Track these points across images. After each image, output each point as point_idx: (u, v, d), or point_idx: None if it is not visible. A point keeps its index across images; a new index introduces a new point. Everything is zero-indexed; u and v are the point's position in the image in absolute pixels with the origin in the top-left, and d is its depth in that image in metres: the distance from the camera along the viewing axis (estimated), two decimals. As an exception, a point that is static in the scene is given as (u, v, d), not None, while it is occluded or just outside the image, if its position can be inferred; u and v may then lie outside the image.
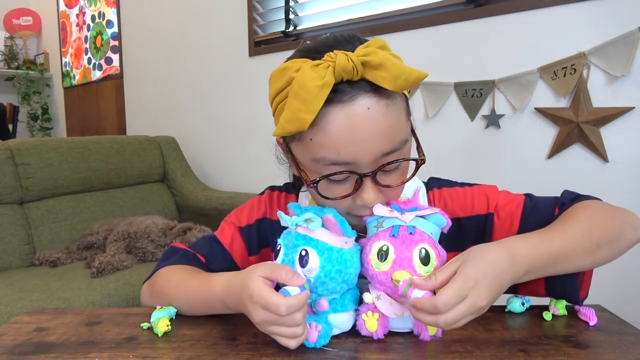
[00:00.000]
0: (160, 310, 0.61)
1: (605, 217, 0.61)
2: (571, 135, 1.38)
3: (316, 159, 0.56)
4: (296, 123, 0.52)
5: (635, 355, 0.51)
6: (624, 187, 1.33)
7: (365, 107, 0.53)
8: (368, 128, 0.53)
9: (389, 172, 0.58)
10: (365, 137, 0.53)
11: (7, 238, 1.79)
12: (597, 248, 0.58)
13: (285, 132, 0.53)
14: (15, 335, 0.59)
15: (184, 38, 2.58)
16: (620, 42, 1.27)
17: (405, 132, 0.58)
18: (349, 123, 0.53)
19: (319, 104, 0.51)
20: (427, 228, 0.56)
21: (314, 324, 0.53)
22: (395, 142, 0.55)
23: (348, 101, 0.53)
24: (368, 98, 0.53)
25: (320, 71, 0.51)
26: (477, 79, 1.55)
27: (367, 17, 1.83)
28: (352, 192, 0.57)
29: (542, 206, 0.66)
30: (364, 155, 0.54)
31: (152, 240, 1.83)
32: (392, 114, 0.55)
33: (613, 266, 1.48)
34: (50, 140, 2.03)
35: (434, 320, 0.48)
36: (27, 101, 3.63)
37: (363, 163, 0.54)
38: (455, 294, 0.48)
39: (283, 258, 0.55)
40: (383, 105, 0.54)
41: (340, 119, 0.53)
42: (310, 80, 0.51)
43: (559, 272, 0.57)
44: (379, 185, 0.57)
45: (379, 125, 0.53)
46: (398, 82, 0.51)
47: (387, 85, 0.51)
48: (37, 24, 3.76)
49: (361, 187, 0.57)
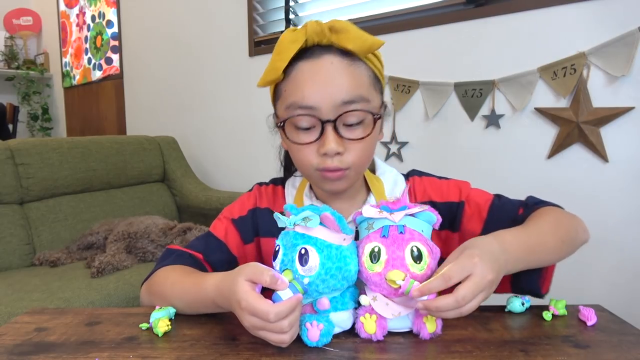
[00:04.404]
0: (160, 310, 0.61)
1: (565, 220, 0.69)
2: (571, 135, 1.38)
3: (287, 105, 0.65)
4: (272, 72, 0.64)
5: (635, 355, 0.51)
6: (623, 187, 1.33)
7: (329, 62, 0.63)
8: (329, 76, 0.63)
9: (350, 127, 0.64)
10: (326, 83, 0.63)
11: (7, 238, 1.79)
12: (562, 244, 0.65)
13: (265, 80, 0.65)
14: (15, 335, 0.59)
15: (184, 38, 2.58)
16: (620, 42, 1.27)
17: (366, 93, 0.65)
18: (313, 71, 0.63)
19: (290, 54, 0.63)
20: (417, 226, 0.56)
21: (316, 322, 0.53)
22: (354, 94, 0.63)
23: (316, 57, 0.64)
24: (333, 56, 0.64)
25: (295, 33, 0.64)
26: (477, 79, 1.55)
27: (367, 17, 1.83)
28: (315, 140, 0.64)
29: (509, 204, 0.74)
30: (324, 100, 0.62)
31: (152, 240, 1.83)
32: (353, 72, 0.64)
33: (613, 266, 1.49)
34: (51, 140, 2.03)
35: (458, 312, 0.51)
36: (27, 101, 3.63)
37: (324, 108, 0.63)
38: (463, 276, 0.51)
39: (282, 258, 0.55)
40: (345, 63, 0.64)
41: (307, 69, 0.64)
42: (286, 38, 0.63)
43: (535, 263, 0.63)
44: (341, 136, 0.64)
45: (340, 76, 0.63)
46: (357, 42, 0.62)
47: (349, 44, 0.62)
48: (37, 24, 3.76)
49: (323, 135, 0.64)
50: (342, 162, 0.64)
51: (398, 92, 1.72)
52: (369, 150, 0.68)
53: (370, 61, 0.66)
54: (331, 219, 0.53)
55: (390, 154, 1.78)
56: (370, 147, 0.67)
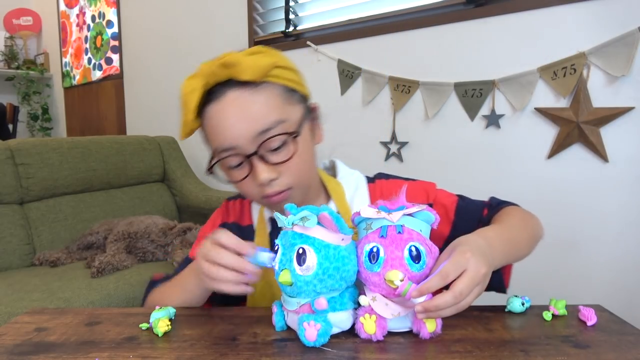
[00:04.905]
0: (160, 311, 0.61)
1: (529, 218, 0.73)
2: (571, 135, 1.38)
3: (213, 151, 0.68)
4: (185, 125, 0.67)
5: (635, 355, 0.51)
6: (624, 187, 1.33)
7: (233, 99, 0.64)
8: (238, 112, 0.64)
9: (275, 151, 0.66)
10: (237, 120, 0.64)
11: (7, 238, 1.79)
12: (531, 240, 0.69)
13: (184, 134, 0.68)
14: (15, 335, 0.59)
15: (184, 38, 2.58)
16: (620, 42, 1.27)
17: (279, 114, 0.65)
18: (221, 113, 0.65)
19: (194, 104, 0.64)
20: (415, 226, 0.56)
21: (313, 322, 0.53)
22: (267, 121, 0.64)
23: (220, 97, 0.65)
24: (235, 91, 0.64)
25: (192, 80, 0.65)
26: (477, 79, 1.55)
27: (367, 17, 1.83)
28: (248, 174, 0.66)
29: (472, 205, 0.76)
30: (239, 138, 0.64)
31: (152, 240, 1.83)
32: (259, 99, 0.64)
33: (613, 266, 1.49)
34: (51, 140, 2.03)
35: (456, 309, 0.52)
36: (27, 101, 3.63)
37: (243, 144, 0.64)
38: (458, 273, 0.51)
39: (281, 258, 0.55)
40: (248, 93, 0.64)
41: (216, 112, 0.65)
42: (185, 89, 0.65)
43: (513, 259, 0.66)
44: (269, 163, 0.65)
45: (247, 109, 0.64)
46: (251, 71, 0.62)
47: (244, 76, 0.63)
48: (37, 24, 3.76)
49: (253, 168, 0.66)
50: (281, 185, 0.66)
51: (398, 92, 1.72)
52: (306, 164, 0.69)
53: (277, 77, 0.66)
54: (329, 219, 0.53)
55: (390, 154, 1.78)
56: (305, 160, 0.69)
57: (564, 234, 1.42)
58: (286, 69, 0.68)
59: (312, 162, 0.72)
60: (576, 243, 1.41)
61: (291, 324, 0.57)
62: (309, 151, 0.70)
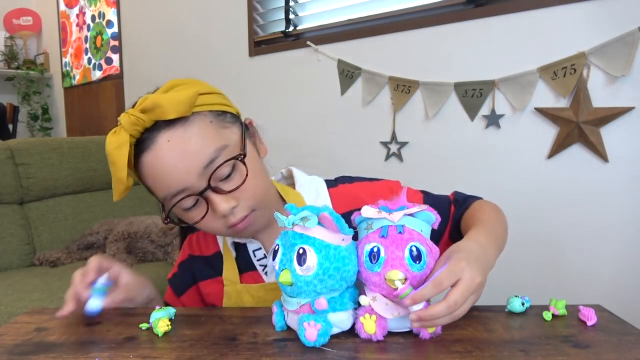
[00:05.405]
0: (160, 311, 0.61)
1: (497, 210, 0.73)
2: (571, 135, 1.38)
3: (162, 199, 0.65)
4: (118, 184, 0.63)
5: (635, 355, 0.51)
6: (623, 187, 1.33)
7: (165, 141, 0.61)
8: (175, 154, 0.61)
9: (227, 179, 0.63)
10: (176, 163, 0.61)
11: (7, 238, 1.79)
12: (506, 233, 0.70)
13: (118, 193, 0.63)
14: (15, 335, 0.59)
15: (184, 38, 2.58)
16: (620, 42, 1.27)
17: (219, 141, 0.63)
18: (158, 160, 0.62)
19: (123, 161, 0.61)
20: (416, 226, 0.56)
21: (313, 322, 0.53)
22: (208, 153, 0.62)
23: (151, 145, 0.62)
24: (164, 133, 0.61)
25: (116, 135, 0.62)
26: (477, 79, 1.55)
27: (367, 17, 1.83)
28: (207, 211, 0.64)
29: (439, 200, 0.76)
30: (186, 178, 0.61)
31: (152, 240, 1.83)
32: (193, 134, 0.62)
33: (613, 266, 1.49)
34: (51, 140, 2.04)
35: (450, 319, 0.51)
36: (27, 101, 3.63)
37: (192, 183, 0.62)
38: (453, 281, 0.51)
39: (281, 258, 0.55)
40: (181, 130, 0.61)
41: (151, 161, 0.62)
42: (110, 146, 0.62)
43: (498, 257, 0.64)
44: (225, 192, 0.63)
45: (184, 148, 0.61)
46: (173, 109, 0.59)
47: (168, 116, 0.59)
48: (37, 24, 3.76)
49: (210, 203, 0.63)
50: (243, 209, 0.65)
51: (398, 92, 1.72)
52: (260, 182, 0.67)
53: (203, 105, 0.64)
54: (329, 219, 0.53)
55: (390, 154, 1.78)
56: (259, 178, 0.67)
57: (563, 233, 1.42)
58: (209, 94, 0.66)
59: (266, 179, 0.70)
60: (576, 243, 1.41)
61: (291, 324, 0.57)
62: (259, 168, 0.69)
